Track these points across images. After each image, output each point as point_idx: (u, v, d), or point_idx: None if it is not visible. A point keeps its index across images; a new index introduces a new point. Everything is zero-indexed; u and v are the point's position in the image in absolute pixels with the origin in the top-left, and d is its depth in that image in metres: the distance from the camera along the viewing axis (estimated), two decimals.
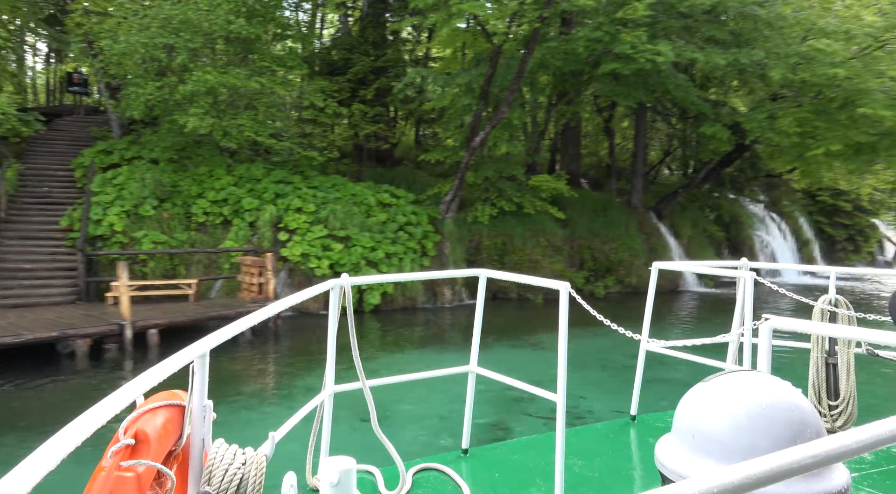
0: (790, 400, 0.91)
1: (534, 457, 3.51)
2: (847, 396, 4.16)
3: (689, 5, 12.48)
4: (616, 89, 15.11)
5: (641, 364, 4.26)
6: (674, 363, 4.51)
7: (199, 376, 1.66)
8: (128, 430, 1.47)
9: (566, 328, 2.73)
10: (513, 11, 13.27)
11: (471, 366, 3.44)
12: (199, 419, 1.68)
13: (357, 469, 2.19)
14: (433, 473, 3.27)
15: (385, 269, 15.53)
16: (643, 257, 20.36)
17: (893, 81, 12.98)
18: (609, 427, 4.13)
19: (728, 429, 0.89)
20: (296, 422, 2.53)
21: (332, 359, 2.92)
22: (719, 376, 0.99)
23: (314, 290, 2.73)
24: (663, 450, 0.98)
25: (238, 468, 1.67)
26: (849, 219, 26.40)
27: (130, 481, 1.39)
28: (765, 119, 14.50)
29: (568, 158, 21.78)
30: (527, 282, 3.07)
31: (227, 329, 1.88)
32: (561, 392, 2.74)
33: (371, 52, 18.14)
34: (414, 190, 18.52)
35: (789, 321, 1.96)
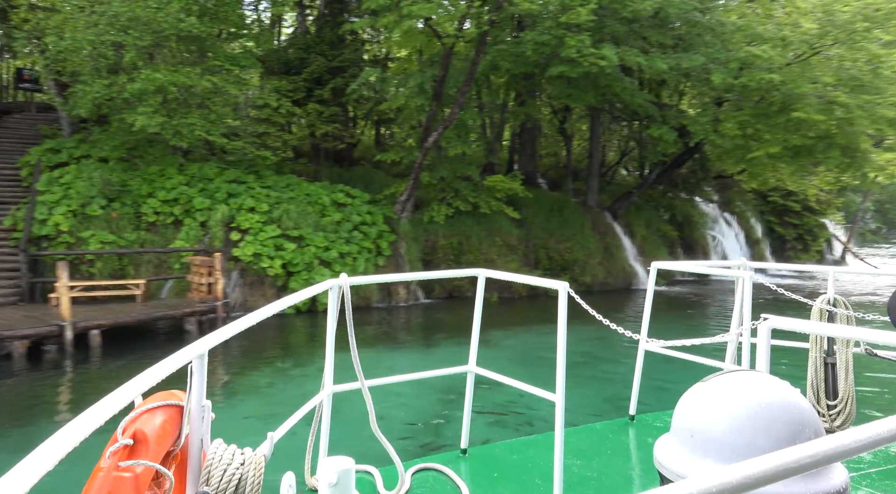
0: (789, 400, 0.90)
1: (533, 457, 3.52)
2: (846, 396, 4.12)
3: (631, 10, 12.83)
4: (566, 92, 15.43)
5: (640, 364, 4.25)
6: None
7: (197, 376, 1.65)
8: (126, 430, 1.46)
9: (565, 328, 2.73)
10: (462, 14, 13.46)
11: (469, 366, 3.44)
12: (198, 420, 1.66)
13: (356, 469, 2.19)
14: (432, 473, 3.26)
15: (338, 268, 15.59)
16: (597, 256, 20.79)
17: (826, 87, 13.53)
18: (608, 427, 4.11)
19: (727, 429, 0.89)
20: (294, 422, 2.52)
21: (331, 359, 2.91)
22: (718, 375, 0.98)
23: (313, 290, 2.71)
24: (662, 450, 0.97)
25: (237, 468, 1.66)
26: (798, 219, 27.29)
27: (129, 481, 1.37)
28: (708, 122, 14.97)
29: (525, 158, 22.09)
30: (525, 282, 3.08)
31: (226, 330, 1.86)
32: (560, 392, 2.75)
33: (327, 52, 18.16)
34: (371, 190, 18.61)
35: (788, 320, 1.97)
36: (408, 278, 3.50)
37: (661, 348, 4.02)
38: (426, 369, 3.54)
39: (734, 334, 3.95)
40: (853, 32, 13.19)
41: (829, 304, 4.18)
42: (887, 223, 64.10)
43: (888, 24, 13.60)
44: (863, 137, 16.19)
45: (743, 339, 3.60)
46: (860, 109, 13.44)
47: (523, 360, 11.76)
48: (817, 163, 16.50)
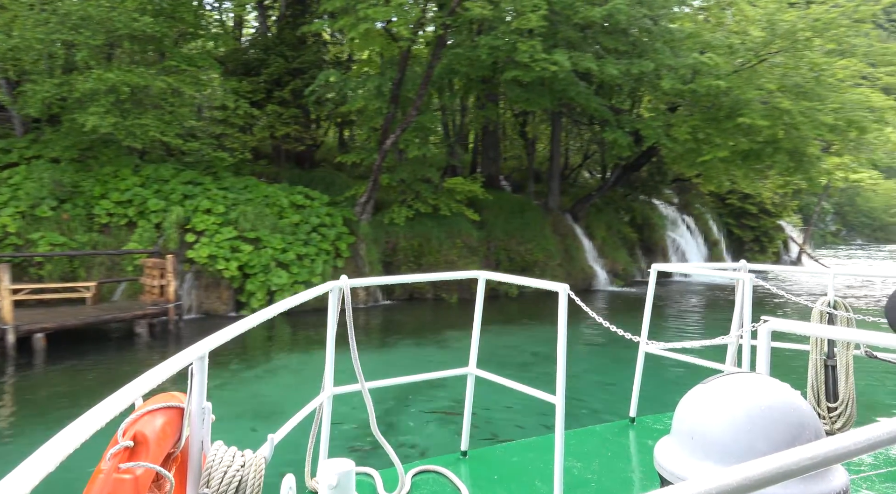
0: (789, 402, 0.90)
1: (533, 459, 3.51)
2: (846, 398, 4.11)
3: (582, 17, 13.10)
4: (522, 95, 15.66)
5: (640, 366, 4.24)
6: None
7: (197, 378, 1.64)
8: (126, 432, 1.45)
9: (565, 330, 2.74)
10: (418, 19, 13.58)
11: (469, 368, 3.44)
12: (198, 422, 1.66)
13: (356, 471, 2.19)
14: (432, 475, 3.25)
15: (296, 270, 15.59)
16: (557, 258, 21.09)
17: (770, 93, 13.97)
18: (608, 429, 4.11)
19: (727, 431, 0.89)
20: (295, 424, 2.51)
21: (332, 361, 2.90)
22: (718, 378, 0.98)
23: (312, 292, 2.70)
24: (662, 452, 0.97)
25: (237, 470, 1.65)
26: (755, 221, 27.99)
27: (129, 483, 1.37)
28: (660, 126, 15.33)
29: (488, 161, 22.30)
30: (525, 284, 3.08)
31: (226, 332, 1.87)
32: (560, 394, 2.75)
33: (287, 54, 18.13)
34: (332, 192, 18.61)
35: (788, 323, 1.98)
36: (409, 280, 3.45)
37: (662, 350, 4.04)
38: (381, 371, 3.55)
39: (734, 336, 3.98)
40: (795, 41, 13.67)
41: (830, 306, 4.16)
42: (846, 226, 66.02)
43: (828, 33, 14.12)
44: (811, 142, 16.75)
45: (743, 341, 3.59)
46: (802, 115, 13.92)
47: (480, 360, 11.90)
48: (766, 166, 16.97)
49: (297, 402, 3.01)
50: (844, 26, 14.02)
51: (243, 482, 1.65)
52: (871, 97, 16.69)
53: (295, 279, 15.52)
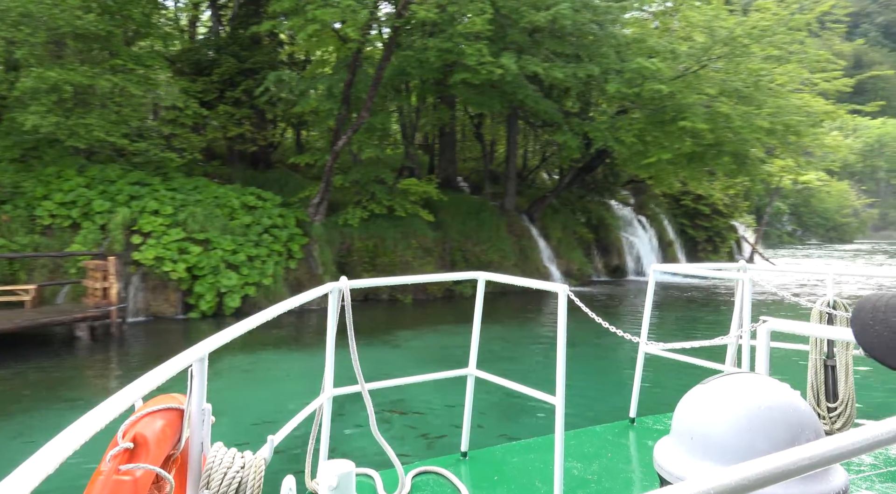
0: (789, 402, 0.90)
1: (533, 460, 3.52)
2: (846, 398, 4.10)
3: (528, 21, 13.33)
4: (473, 98, 15.83)
5: (640, 367, 4.25)
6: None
7: (197, 379, 1.64)
8: (126, 433, 1.44)
9: (565, 331, 2.74)
10: (367, 20, 13.64)
11: (470, 369, 3.44)
12: (198, 423, 1.65)
13: (356, 472, 2.20)
14: (432, 476, 3.24)
15: (246, 272, 15.49)
16: (513, 258, 21.35)
17: (711, 98, 14.42)
18: (608, 430, 4.11)
19: (726, 431, 0.89)
20: (295, 425, 2.50)
21: (332, 362, 2.88)
22: (717, 378, 0.98)
23: (313, 293, 2.68)
24: (662, 452, 0.97)
25: (237, 471, 1.64)
26: (708, 221, 28.71)
27: (129, 485, 1.36)
28: (607, 129, 15.68)
29: (445, 162, 22.45)
30: (524, 284, 3.08)
31: (226, 333, 1.86)
32: (560, 395, 2.75)
33: (240, 54, 18.00)
34: (286, 193, 18.53)
35: (788, 323, 1.97)
36: (408, 281, 3.48)
37: (661, 350, 4.03)
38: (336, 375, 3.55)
39: (734, 336, 3.99)
40: (734, 48, 14.14)
41: (829, 306, 4.16)
42: (802, 226, 68.08)
43: (764, 40, 14.62)
44: (753, 145, 17.29)
45: (743, 341, 3.58)
46: (740, 119, 14.39)
47: (426, 359, 12.01)
48: (709, 169, 17.47)
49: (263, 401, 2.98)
50: (780, 33, 14.54)
51: (243, 483, 1.64)
52: (810, 102, 17.34)
53: (245, 281, 15.42)
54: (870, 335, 0.89)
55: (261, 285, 15.71)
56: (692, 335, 12.29)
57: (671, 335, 13.63)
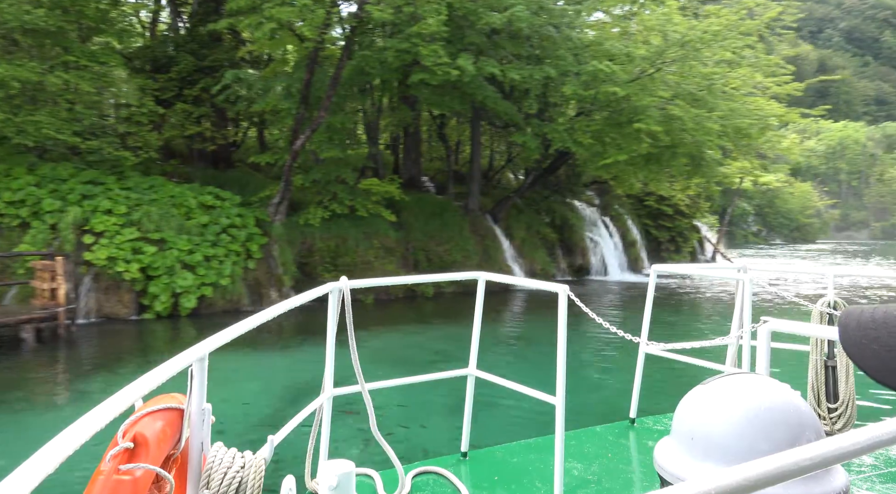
0: (789, 402, 0.90)
1: (533, 460, 3.51)
2: (846, 398, 4.08)
3: (485, 23, 13.43)
4: (432, 98, 15.89)
5: (640, 367, 4.23)
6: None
7: (197, 379, 1.63)
8: (126, 433, 1.43)
9: (565, 331, 2.74)
10: (323, 21, 13.60)
11: (470, 369, 3.43)
12: (199, 423, 1.65)
13: (356, 472, 2.16)
14: (432, 476, 3.23)
15: (203, 272, 15.32)
16: (476, 258, 21.46)
17: (664, 101, 14.69)
18: (608, 430, 4.10)
19: (727, 432, 0.88)
20: (294, 425, 2.48)
21: (332, 362, 2.86)
22: (718, 378, 0.98)
23: (313, 293, 2.65)
24: (662, 453, 0.97)
25: (237, 471, 1.63)
26: (671, 222, 29.19)
27: (129, 484, 1.35)
28: (565, 130, 15.87)
29: (409, 162, 22.47)
30: (524, 285, 3.13)
31: (227, 332, 1.84)
32: (560, 395, 2.74)
33: (199, 52, 17.79)
34: (247, 192, 18.36)
35: (788, 323, 1.96)
36: (408, 281, 3.43)
37: (662, 350, 4.01)
38: (292, 373, 3.48)
39: (734, 336, 3.97)
40: (686, 52, 14.43)
41: (830, 307, 4.15)
42: (767, 226, 69.63)
43: (715, 44, 14.97)
44: (711, 147, 17.66)
45: (743, 342, 3.56)
46: (692, 121, 14.70)
47: (383, 360, 12.00)
48: (665, 169, 17.78)
49: None
50: (731, 38, 14.90)
51: (243, 483, 1.63)
52: (763, 106, 17.76)
53: (202, 281, 15.25)
54: (870, 358, 0.86)
55: (218, 285, 15.55)
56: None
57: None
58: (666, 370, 8.78)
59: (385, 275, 19.91)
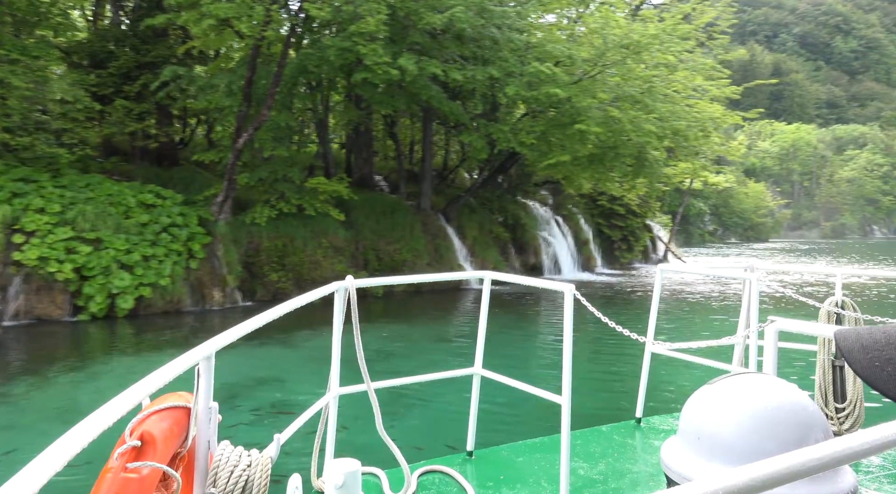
0: (797, 402, 0.89)
1: (539, 459, 3.50)
2: (854, 398, 4.05)
3: (425, 23, 13.48)
4: (377, 97, 15.87)
5: (647, 367, 4.21)
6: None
7: (204, 378, 1.64)
8: (134, 431, 1.44)
9: (571, 331, 2.75)
10: (263, 18, 13.46)
11: (475, 368, 3.43)
12: (205, 421, 1.65)
13: (362, 471, 2.20)
14: (438, 475, 3.22)
15: (140, 272, 15.02)
16: (426, 258, 21.52)
17: (604, 102, 14.98)
18: (614, 430, 4.08)
19: (734, 431, 0.88)
20: (301, 424, 2.47)
21: (337, 362, 2.87)
22: (725, 378, 0.97)
23: (318, 292, 2.64)
24: (668, 452, 0.96)
25: (243, 470, 1.64)
26: (623, 221, 29.72)
27: (136, 482, 1.36)
28: (510, 130, 16.04)
29: (361, 161, 22.39)
30: (530, 284, 3.11)
31: (233, 331, 1.84)
32: (566, 395, 2.74)
33: (140, 47, 17.42)
34: (192, 191, 18.05)
35: (796, 323, 1.95)
36: (414, 280, 3.42)
37: (668, 350, 3.99)
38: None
39: (741, 336, 3.94)
40: (625, 55, 14.73)
41: (837, 306, 4.14)
42: (722, 225, 71.47)
43: (653, 48, 15.32)
44: (657, 147, 18.05)
45: (750, 341, 3.54)
46: (630, 123, 15.02)
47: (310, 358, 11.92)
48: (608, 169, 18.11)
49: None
50: (668, 42, 15.26)
51: (250, 481, 1.64)
52: (704, 109, 18.22)
53: (140, 281, 14.95)
54: (887, 380, 0.84)
55: (157, 285, 15.26)
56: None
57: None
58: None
59: (333, 274, 19.78)
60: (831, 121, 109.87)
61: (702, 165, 20.36)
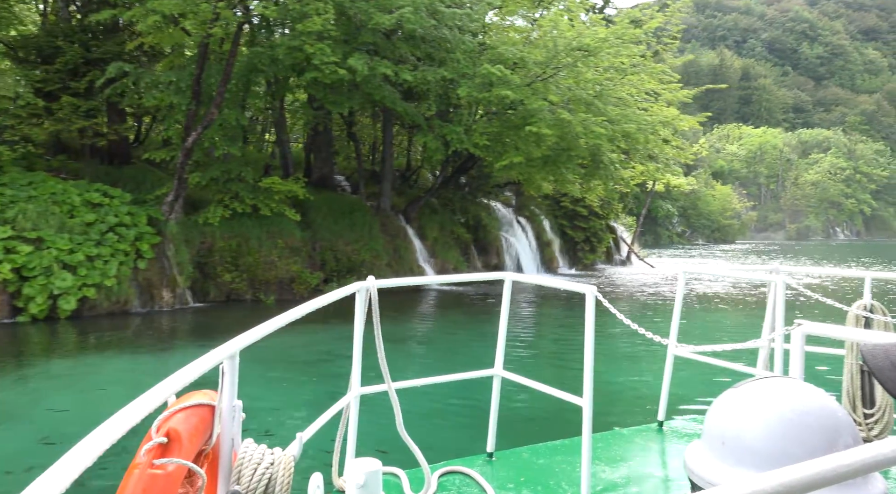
0: (825, 407, 0.87)
1: (559, 462, 3.46)
2: (883, 404, 3.95)
3: (374, 23, 13.44)
4: (329, 97, 15.78)
5: (669, 369, 4.15)
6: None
7: (228, 376, 1.65)
8: (160, 428, 1.46)
9: (592, 332, 2.73)
10: (210, 16, 13.28)
11: (496, 370, 3.41)
12: (229, 419, 1.67)
13: (383, 471, 2.16)
14: (458, 476, 3.21)
15: (84, 272, 14.70)
16: (385, 258, 21.45)
17: (553, 104, 15.10)
18: (636, 433, 4.03)
19: (760, 436, 0.86)
20: (322, 424, 2.47)
21: (359, 361, 2.85)
22: (750, 381, 0.95)
23: (340, 293, 2.63)
24: (693, 457, 0.94)
25: (266, 467, 1.66)
26: (585, 223, 29.99)
27: (163, 479, 1.39)
28: (463, 131, 16.07)
29: (320, 161, 22.25)
30: (551, 285, 3.10)
31: (257, 330, 1.84)
32: (587, 397, 2.72)
33: (89, 43, 17.06)
34: (143, 190, 17.73)
35: (823, 326, 1.92)
36: (435, 281, 3.45)
37: (692, 353, 3.94)
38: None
39: (766, 339, 3.85)
40: (576, 59, 14.87)
41: (866, 310, 4.05)
42: (690, 227, 72.59)
43: (602, 52, 15.50)
44: (613, 149, 18.25)
45: (776, 344, 3.44)
46: (580, 125, 15.17)
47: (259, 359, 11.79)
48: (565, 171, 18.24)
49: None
50: (617, 46, 15.45)
51: (272, 479, 1.66)
52: (658, 113, 18.46)
53: (83, 282, 14.64)
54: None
55: (102, 286, 14.95)
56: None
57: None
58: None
59: (288, 275, 19.62)
60: (798, 125, 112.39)
61: (656, 168, 20.65)
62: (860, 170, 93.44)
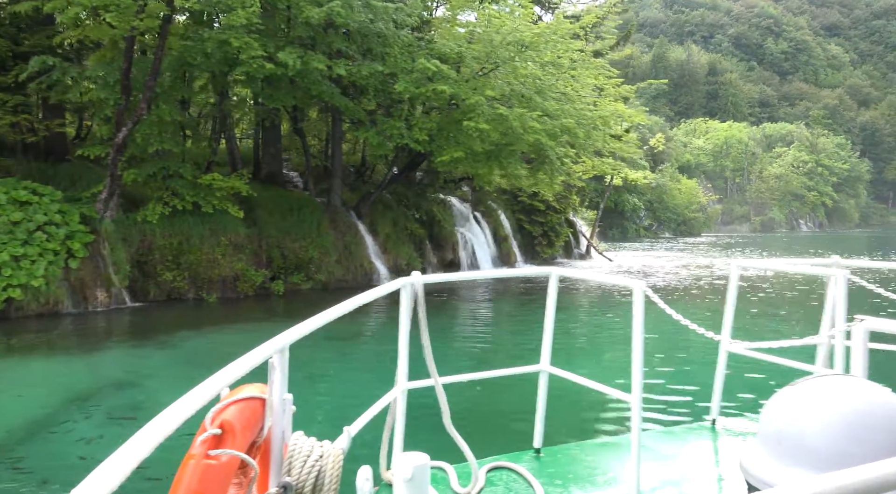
0: (890, 406, 0.84)
1: (608, 459, 3.42)
2: None
3: (305, 17, 13.22)
4: (265, 92, 15.52)
5: (723, 366, 4.05)
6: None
7: (278, 370, 1.69)
8: (214, 420, 1.50)
9: (642, 327, 2.68)
10: (135, 8, 12.93)
11: (542, 365, 3.40)
12: (280, 412, 1.71)
13: (430, 465, 2.18)
14: (505, 472, 3.20)
15: (9, 272, 14.26)
16: (335, 255, 21.25)
17: (493, 100, 15.08)
18: (687, 431, 3.95)
19: (819, 436, 0.83)
20: (370, 418, 2.48)
21: (405, 356, 2.86)
22: (809, 379, 0.91)
23: (385, 288, 2.64)
24: (748, 456, 0.91)
25: (316, 460, 1.70)
26: (543, 217, 30.10)
27: (217, 469, 1.43)
28: (403, 126, 15.95)
29: (269, 157, 21.93)
30: (601, 280, 3.11)
31: (305, 325, 1.87)
32: (636, 393, 2.67)
33: (17, 36, 16.52)
34: (79, 187, 17.26)
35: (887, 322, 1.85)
36: (479, 277, 3.46)
37: (746, 349, 3.87)
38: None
39: (825, 335, 3.71)
40: (512, 54, 14.84)
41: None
42: (657, 221, 73.46)
43: (539, 47, 15.50)
44: (562, 144, 18.27)
45: (836, 341, 3.35)
46: (516, 120, 15.15)
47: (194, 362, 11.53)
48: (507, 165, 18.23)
49: None
50: (553, 41, 15.46)
51: (322, 471, 1.70)
52: (605, 107, 18.53)
53: (8, 283, 14.21)
54: None
55: (29, 287, 14.52)
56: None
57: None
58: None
59: (232, 272, 19.31)
60: (763, 119, 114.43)
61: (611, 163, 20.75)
62: (822, 163, 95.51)
